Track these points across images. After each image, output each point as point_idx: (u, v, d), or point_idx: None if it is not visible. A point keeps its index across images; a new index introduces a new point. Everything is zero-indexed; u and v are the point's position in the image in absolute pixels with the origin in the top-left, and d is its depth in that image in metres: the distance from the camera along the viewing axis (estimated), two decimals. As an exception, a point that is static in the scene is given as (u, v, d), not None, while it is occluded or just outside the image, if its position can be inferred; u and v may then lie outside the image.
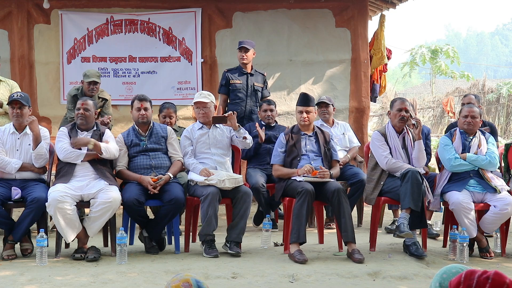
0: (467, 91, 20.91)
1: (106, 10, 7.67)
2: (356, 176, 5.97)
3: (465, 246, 4.85)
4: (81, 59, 7.62)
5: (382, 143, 5.21)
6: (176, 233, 5.14)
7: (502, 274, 1.94)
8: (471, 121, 5.29)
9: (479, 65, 59.42)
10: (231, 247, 4.95)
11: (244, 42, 6.60)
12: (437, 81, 31.59)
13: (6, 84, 6.28)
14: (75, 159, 4.98)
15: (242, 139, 5.35)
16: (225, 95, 6.59)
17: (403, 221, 4.73)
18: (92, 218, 4.82)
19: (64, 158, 5.01)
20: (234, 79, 6.53)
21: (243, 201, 5.03)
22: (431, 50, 28.51)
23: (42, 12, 7.55)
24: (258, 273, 4.36)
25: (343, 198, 4.89)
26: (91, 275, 4.30)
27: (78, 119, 5.12)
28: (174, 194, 4.93)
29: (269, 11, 7.86)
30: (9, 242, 4.89)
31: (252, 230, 5.96)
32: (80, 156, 4.98)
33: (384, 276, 4.35)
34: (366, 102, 7.99)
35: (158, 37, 7.69)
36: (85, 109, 5.11)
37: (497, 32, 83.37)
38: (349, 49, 7.93)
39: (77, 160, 4.98)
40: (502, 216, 5.02)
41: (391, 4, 8.39)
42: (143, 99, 5.28)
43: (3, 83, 6.27)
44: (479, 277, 1.93)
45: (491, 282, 1.90)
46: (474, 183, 5.17)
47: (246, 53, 6.55)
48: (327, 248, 5.22)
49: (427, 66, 29.39)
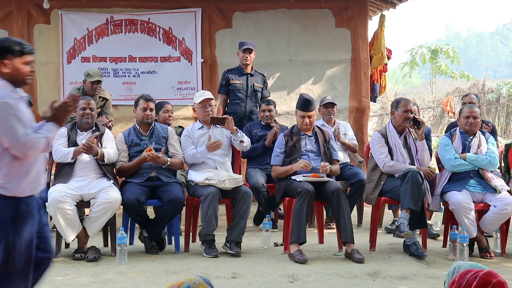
0: (467, 91, 20.88)
1: (106, 10, 7.67)
2: (356, 176, 5.97)
3: (465, 246, 4.85)
4: (81, 59, 7.61)
5: (381, 145, 5.21)
6: (176, 233, 5.14)
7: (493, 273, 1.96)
8: (473, 121, 5.28)
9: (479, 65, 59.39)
10: (231, 247, 4.95)
11: (248, 43, 6.57)
12: (437, 81, 31.57)
13: None
14: (64, 158, 4.97)
15: (239, 143, 5.36)
16: (225, 95, 6.59)
17: (403, 221, 4.73)
18: (92, 218, 4.82)
19: (57, 160, 5.03)
20: (234, 79, 6.53)
21: (243, 201, 5.03)
22: (431, 50, 28.47)
23: (42, 12, 7.54)
24: (258, 273, 4.36)
25: (342, 198, 4.89)
26: (91, 275, 4.30)
27: (84, 118, 5.12)
28: (174, 194, 4.93)
29: (269, 11, 7.85)
30: (9, 242, 4.88)
31: (252, 230, 5.96)
32: (69, 154, 4.95)
33: (384, 276, 4.35)
34: (366, 102, 7.98)
35: (158, 37, 7.68)
36: (91, 109, 5.13)
37: (497, 32, 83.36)
38: (349, 49, 7.93)
39: (66, 159, 4.96)
40: (502, 216, 5.02)
41: (391, 4, 8.39)
42: (149, 100, 5.28)
43: None
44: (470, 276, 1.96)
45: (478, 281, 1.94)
46: (474, 183, 5.16)
47: (250, 54, 6.55)
48: (327, 248, 5.22)
49: (427, 66, 29.36)
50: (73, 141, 5.06)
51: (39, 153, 3.00)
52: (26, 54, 2.98)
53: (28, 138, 2.87)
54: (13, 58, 2.94)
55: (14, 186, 2.91)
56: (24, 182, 2.94)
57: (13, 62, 2.95)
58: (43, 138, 2.95)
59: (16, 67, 2.95)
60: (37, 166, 3.03)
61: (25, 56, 2.97)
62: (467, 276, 1.99)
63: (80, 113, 5.13)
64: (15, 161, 2.92)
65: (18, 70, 2.96)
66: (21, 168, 2.93)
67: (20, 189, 2.93)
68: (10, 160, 2.91)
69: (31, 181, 2.98)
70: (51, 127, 3.04)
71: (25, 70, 2.99)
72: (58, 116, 3.07)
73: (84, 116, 5.11)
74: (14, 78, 2.97)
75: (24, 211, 2.94)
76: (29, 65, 3.00)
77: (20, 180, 2.93)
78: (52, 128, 3.04)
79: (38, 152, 2.98)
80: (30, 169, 2.97)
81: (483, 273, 1.96)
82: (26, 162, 2.95)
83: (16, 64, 2.95)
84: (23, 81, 3.01)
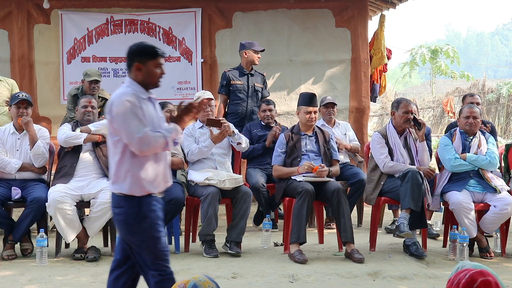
0: (467, 91, 20.89)
1: (106, 10, 7.67)
2: (356, 176, 5.97)
3: (465, 246, 4.86)
4: (81, 59, 7.62)
5: (381, 145, 5.20)
6: (176, 233, 5.14)
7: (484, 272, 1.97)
8: (473, 121, 5.29)
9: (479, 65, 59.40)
10: (231, 247, 4.95)
11: (257, 45, 6.56)
12: (437, 81, 31.58)
13: (6, 83, 6.28)
14: (76, 138, 4.97)
15: (236, 145, 5.37)
16: (225, 96, 6.57)
17: (403, 221, 4.73)
18: (92, 218, 4.82)
19: (65, 141, 4.99)
20: (235, 79, 6.51)
21: (243, 201, 5.03)
22: (431, 50, 28.48)
23: (42, 12, 7.54)
24: (258, 273, 4.36)
25: (342, 198, 4.89)
26: (91, 275, 4.30)
27: (86, 116, 5.13)
28: (174, 194, 4.93)
29: (269, 11, 7.85)
30: (9, 242, 4.90)
31: (252, 230, 5.96)
32: (81, 136, 4.97)
33: (384, 276, 4.35)
34: (366, 102, 7.98)
35: (158, 37, 7.68)
36: (93, 107, 5.16)
37: (497, 32, 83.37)
38: (349, 49, 7.93)
39: (78, 139, 4.96)
40: (502, 216, 5.02)
41: (391, 4, 8.39)
42: None
43: (2, 82, 6.27)
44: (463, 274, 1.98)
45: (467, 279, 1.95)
46: (474, 183, 5.17)
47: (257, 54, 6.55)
48: (327, 248, 5.22)
49: (427, 66, 29.38)
50: None
51: (157, 151, 2.96)
52: (159, 56, 3.02)
53: (143, 135, 2.86)
54: (146, 61, 2.98)
55: (135, 185, 2.91)
56: (145, 180, 2.93)
57: (146, 65, 2.98)
58: (161, 137, 2.92)
59: (149, 69, 2.99)
60: (160, 165, 3.01)
61: (157, 59, 3.01)
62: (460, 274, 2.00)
63: (82, 111, 5.15)
64: (135, 158, 2.92)
65: (150, 72, 2.99)
66: (141, 166, 2.93)
67: (140, 187, 2.92)
68: (130, 158, 2.92)
69: (152, 180, 2.96)
70: (172, 128, 3.01)
71: (157, 72, 3.01)
72: (182, 117, 3.07)
73: (86, 114, 5.13)
74: (146, 81, 3.00)
75: (145, 211, 2.92)
76: (160, 68, 3.02)
77: (140, 179, 2.92)
78: (173, 129, 3.01)
79: (155, 150, 2.94)
80: (151, 168, 2.95)
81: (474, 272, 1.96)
82: (147, 160, 2.94)
83: (149, 66, 2.99)
84: (155, 83, 3.04)
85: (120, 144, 2.93)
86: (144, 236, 2.93)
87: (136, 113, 2.90)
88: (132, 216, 2.92)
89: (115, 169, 2.96)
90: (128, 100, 2.90)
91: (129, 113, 2.88)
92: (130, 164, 2.92)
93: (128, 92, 2.95)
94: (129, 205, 2.92)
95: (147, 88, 3.03)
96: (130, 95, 2.93)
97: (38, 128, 5.21)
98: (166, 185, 3.07)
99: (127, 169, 2.92)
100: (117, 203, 2.97)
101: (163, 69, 3.05)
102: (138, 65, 2.98)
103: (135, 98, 2.93)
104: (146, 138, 2.87)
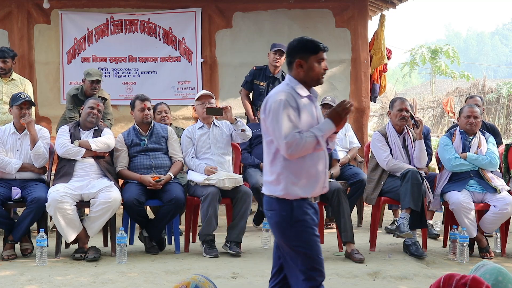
0: (467, 91, 20.92)
1: (106, 10, 7.67)
2: (356, 176, 5.96)
3: (465, 246, 4.86)
4: (81, 59, 7.62)
5: (382, 144, 5.21)
6: (176, 233, 5.14)
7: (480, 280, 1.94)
8: (474, 121, 5.29)
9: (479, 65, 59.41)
10: (231, 247, 4.95)
11: (280, 45, 6.49)
12: (437, 81, 31.58)
13: (19, 83, 6.24)
14: (75, 155, 4.99)
15: (240, 132, 5.31)
16: (247, 91, 6.62)
17: (403, 221, 4.73)
18: (92, 218, 4.82)
19: (64, 154, 5.01)
20: (258, 79, 6.57)
21: (243, 201, 5.03)
22: (431, 50, 28.48)
23: (42, 12, 7.54)
24: (258, 273, 4.36)
25: (342, 198, 4.89)
26: (91, 275, 4.30)
27: (89, 117, 5.14)
28: (174, 194, 4.93)
29: (269, 11, 7.85)
30: (9, 242, 4.89)
31: (252, 230, 5.96)
32: (80, 152, 4.99)
33: (384, 276, 4.35)
34: (366, 102, 7.99)
35: (158, 37, 7.68)
36: (99, 110, 5.19)
37: (497, 32, 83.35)
38: (349, 49, 7.93)
39: (77, 156, 4.99)
40: (502, 216, 5.02)
41: (391, 4, 8.39)
42: (145, 99, 5.29)
43: (14, 81, 6.23)
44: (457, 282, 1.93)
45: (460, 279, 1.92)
46: (474, 183, 5.17)
47: (281, 57, 6.49)
48: (327, 248, 5.22)
49: (427, 66, 29.38)
50: (76, 139, 5.08)
51: (308, 152, 2.78)
52: (321, 51, 2.85)
53: (290, 140, 2.70)
54: (307, 57, 2.83)
55: (287, 188, 2.77)
56: (298, 184, 2.78)
57: (308, 60, 2.83)
58: (312, 137, 2.75)
59: (310, 65, 2.83)
60: (316, 168, 2.84)
61: (320, 53, 2.84)
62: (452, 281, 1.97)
63: (87, 111, 5.16)
64: (287, 161, 2.78)
65: (312, 68, 2.83)
66: (294, 169, 2.79)
67: (293, 191, 2.78)
68: (283, 160, 2.78)
69: (306, 184, 2.80)
70: (325, 125, 2.81)
71: (320, 68, 2.85)
72: (338, 114, 2.83)
73: (90, 115, 5.14)
74: (308, 78, 2.85)
75: (298, 214, 2.77)
76: (323, 63, 2.86)
77: (293, 182, 2.78)
78: (327, 126, 2.81)
79: (305, 152, 2.76)
80: (305, 172, 2.80)
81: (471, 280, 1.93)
82: (301, 163, 2.79)
83: (311, 62, 2.83)
84: (317, 80, 2.87)
85: (272, 145, 2.80)
86: (297, 241, 2.77)
87: (288, 114, 2.74)
88: (284, 218, 2.77)
89: (268, 170, 2.84)
90: (282, 99, 2.75)
91: (281, 113, 2.73)
92: (283, 166, 2.78)
93: (284, 90, 2.81)
94: (281, 207, 2.78)
95: (309, 85, 2.87)
96: (286, 94, 2.78)
97: (38, 128, 5.21)
98: (322, 191, 2.89)
99: (279, 171, 2.79)
100: (269, 205, 2.84)
101: (325, 65, 2.87)
102: (299, 62, 2.83)
103: (291, 97, 2.78)
104: (293, 142, 2.70)
